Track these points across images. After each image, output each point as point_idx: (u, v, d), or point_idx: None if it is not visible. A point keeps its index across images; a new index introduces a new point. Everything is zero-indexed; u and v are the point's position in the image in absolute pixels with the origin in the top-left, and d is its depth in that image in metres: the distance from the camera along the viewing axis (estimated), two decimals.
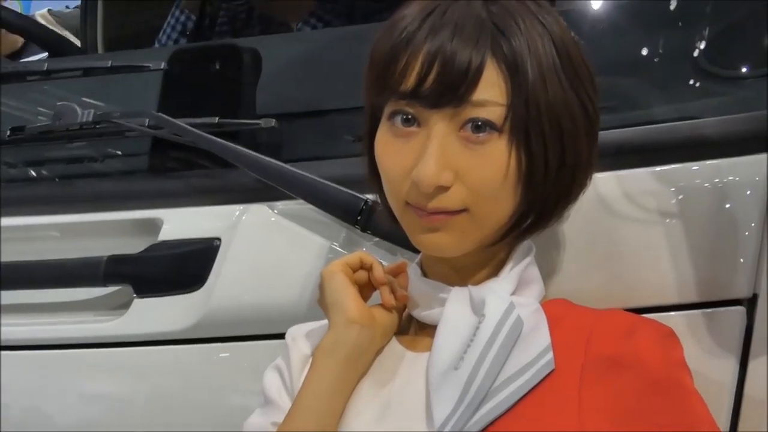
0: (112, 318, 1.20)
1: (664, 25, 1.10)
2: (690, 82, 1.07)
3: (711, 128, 1.00)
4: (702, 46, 1.07)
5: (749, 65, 1.06)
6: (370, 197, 1.05)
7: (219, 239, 1.15)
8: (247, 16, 1.96)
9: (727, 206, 0.98)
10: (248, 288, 1.13)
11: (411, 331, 0.94)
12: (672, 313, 0.99)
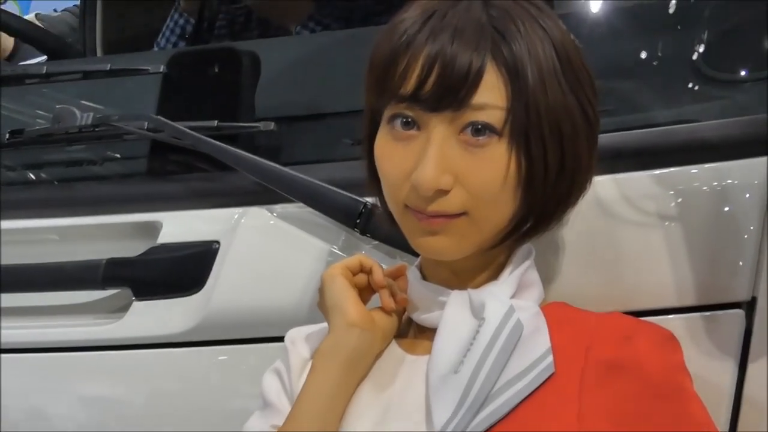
0: (111, 321, 1.19)
1: (664, 29, 1.11)
2: (689, 86, 1.07)
3: (710, 131, 1.00)
4: (701, 50, 1.07)
5: (748, 68, 1.06)
6: (370, 200, 1.05)
7: (218, 242, 1.15)
8: (246, 20, 1.96)
9: (726, 209, 0.98)
10: (247, 291, 1.13)
11: (411, 335, 0.94)
12: (671, 317, 0.99)
